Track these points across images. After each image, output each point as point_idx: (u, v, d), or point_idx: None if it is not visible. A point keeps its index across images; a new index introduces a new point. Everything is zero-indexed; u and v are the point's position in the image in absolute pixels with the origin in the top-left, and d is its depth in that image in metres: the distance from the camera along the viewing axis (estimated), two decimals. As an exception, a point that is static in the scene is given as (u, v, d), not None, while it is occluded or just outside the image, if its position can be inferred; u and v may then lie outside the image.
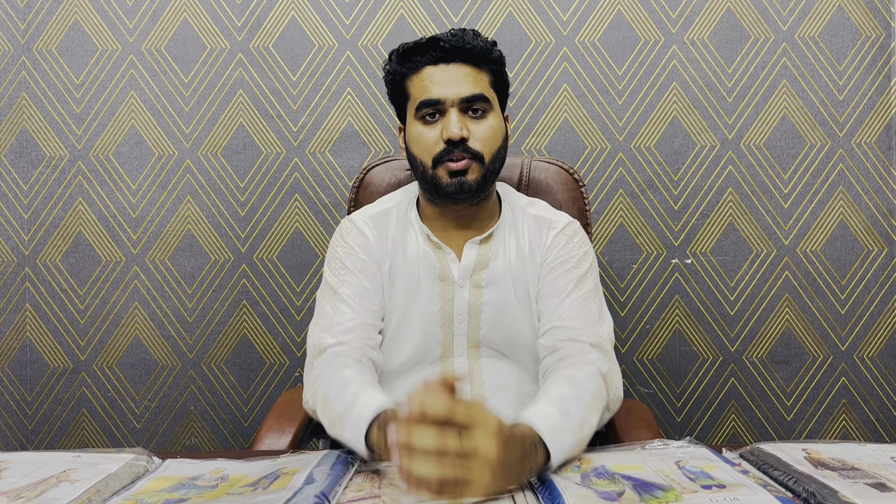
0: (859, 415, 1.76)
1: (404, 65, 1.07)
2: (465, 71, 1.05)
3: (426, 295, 1.10)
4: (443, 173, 1.04)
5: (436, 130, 1.04)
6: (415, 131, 1.06)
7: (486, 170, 1.05)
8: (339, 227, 1.15)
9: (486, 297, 1.10)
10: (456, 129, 1.01)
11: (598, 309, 1.08)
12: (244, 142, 1.78)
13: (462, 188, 1.03)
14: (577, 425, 0.82)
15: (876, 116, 1.73)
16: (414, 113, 1.06)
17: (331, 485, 0.75)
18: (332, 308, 1.08)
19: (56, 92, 1.78)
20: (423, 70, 1.05)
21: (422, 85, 1.05)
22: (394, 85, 1.10)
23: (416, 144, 1.06)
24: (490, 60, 1.07)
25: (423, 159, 1.06)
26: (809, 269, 1.75)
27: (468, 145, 1.03)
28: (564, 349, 1.01)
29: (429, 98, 1.03)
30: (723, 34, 1.73)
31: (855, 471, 0.74)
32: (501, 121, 1.09)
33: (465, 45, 1.04)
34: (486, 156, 1.04)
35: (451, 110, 1.03)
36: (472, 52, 1.04)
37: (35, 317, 1.81)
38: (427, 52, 1.05)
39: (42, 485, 0.74)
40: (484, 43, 1.06)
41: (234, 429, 1.81)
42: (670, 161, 1.75)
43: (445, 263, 1.11)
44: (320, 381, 0.97)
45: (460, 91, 1.03)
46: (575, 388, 0.88)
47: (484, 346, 1.11)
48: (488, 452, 0.68)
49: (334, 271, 1.11)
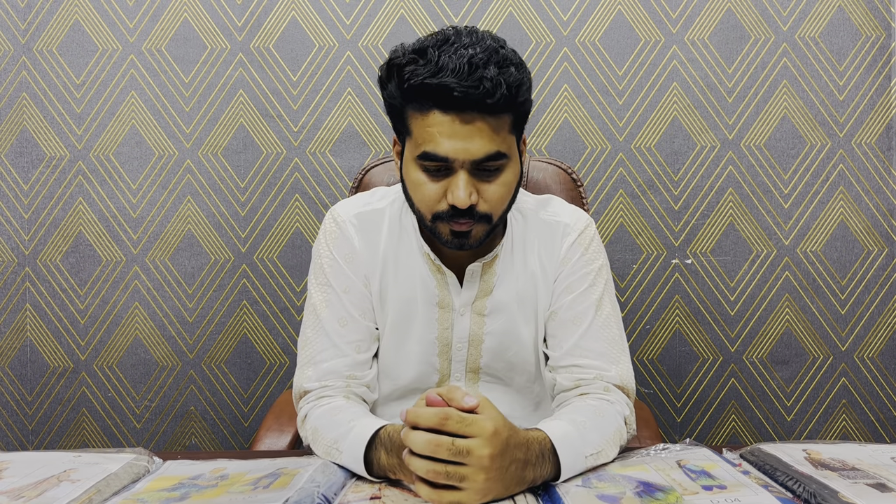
0: (859, 415, 1.76)
1: (406, 97, 0.88)
2: (481, 126, 0.85)
3: (422, 321, 1.02)
4: (444, 230, 0.92)
5: (439, 186, 0.89)
6: (415, 178, 0.91)
7: (492, 227, 0.93)
8: (324, 225, 1.05)
9: (489, 326, 1.02)
10: (464, 195, 0.86)
11: (619, 333, 1.01)
12: (244, 142, 1.78)
13: (463, 247, 0.93)
14: (593, 452, 0.80)
15: (876, 117, 1.73)
16: (415, 157, 0.89)
17: (332, 485, 0.75)
18: (314, 335, 1.00)
19: (56, 92, 1.78)
20: (430, 113, 0.86)
21: (427, 132, 0.87)
22: (392, 109, 0.92)
23: (415, 193, 0.92)
24: (516, 104, 0.88)
25: (421, 210, 0.93)
26: (810, 269, 1.75)
27: (476, 210, 0.89)
28: (588, 387, 0.96)
29: (435, 154, 0.86)
30: (723, 34, 1.73)
31: (855, 471, 0.74)
32: (517, 167, 0.94)
33: (486, 98, 0.83)
34: (494, 216, 0.91)
35: (461, 171, 0.87)
36: (491, 105, 0.84)
37: (35, 317, 1.81)
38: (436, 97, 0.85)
39: (42, 484, 0.74)
40: (508, 90, 0.84)
41: (234, 429, 1.81)
42: (670, 161, 1.75)
43: (445, 289, 1.01)
44: (309, 418, 0.93)
45: (474, 152, 0.86)
46: (598, 419, 0.86)
47: (483, 372, 1.05)
48: (481, 456, 0.67)
49: (318, 286, 1.02)
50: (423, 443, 0.67)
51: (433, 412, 0.68)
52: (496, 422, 0.69)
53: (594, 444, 0.80)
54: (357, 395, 0.99)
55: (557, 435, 0.77)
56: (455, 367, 1.04)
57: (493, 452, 0.68)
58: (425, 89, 0.84)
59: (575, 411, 0.88)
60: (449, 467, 0.67)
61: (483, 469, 0.67)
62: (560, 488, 0.74)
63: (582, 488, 0.73)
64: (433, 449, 0.67)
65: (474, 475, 0.67)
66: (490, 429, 0.68)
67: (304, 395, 0.98)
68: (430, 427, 0.68)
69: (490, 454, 0.67)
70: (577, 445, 0.78)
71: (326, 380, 0.98)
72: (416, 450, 0.68)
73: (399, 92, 0.88)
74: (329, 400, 0.95)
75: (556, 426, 0.80)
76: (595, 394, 0.95)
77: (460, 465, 0.67)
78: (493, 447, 0.68)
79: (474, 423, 0.68)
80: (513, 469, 0.71)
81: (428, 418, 0.68)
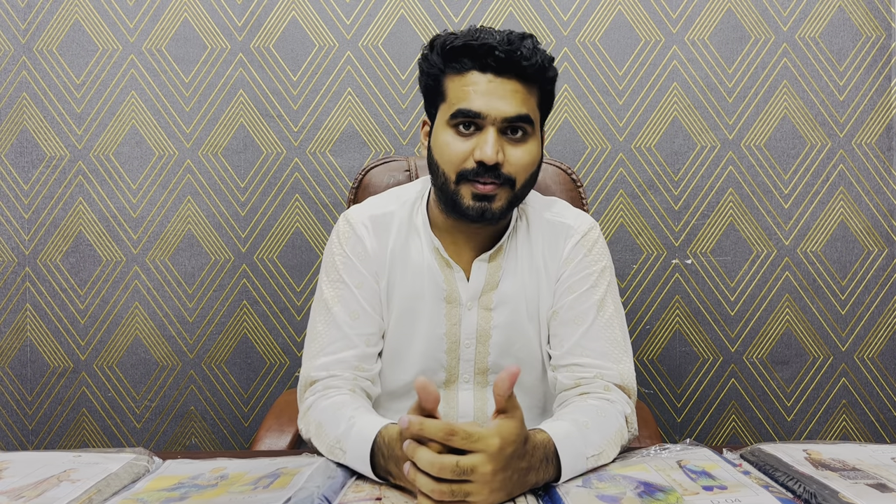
0: (859, 415, 1.76)
1: (447, 62, 0.95)
2: (515, 87, 0.92)
3: (431, 316, 1.03)
4: (466, 193, 0.94)
5: (468, 144, 0.93)
6: (444, 139, 0.95)
7: (514, 196, 0.96)
8: (336, 227, 1.07)
9: (496, 319, 1.03)
10: (491, 151, 0.91)
11: (621, 334, 1.01)
12: (244, 142, 1.78)
13: (484, 214, 0.94)
14: (595, 454, 0.80)
15: (876, 117, 1.73)
16: (448, 118, 0.94)
17: (332, 486, 0.75)
18: (325, 328, 1.01)
19: (57, 92, 1.78)
20: (467, 74, 0.93)
21: (463, 91, 0.93)
22: (430, 78, 0.98)
23: (443, 154, 0.95)
24: (544, 79, 0.96)
25: (446, 171, 0.95)
26: (810, 269, 1.75)
27: (501, 171, 0.93)
28: (588, 386, 0.96)
29: (469, 109, 0.92)
30: (723, 34, 1.73)
31: (856, 471, 0.74)
32: (540, 145, 0.98)
33: (522, 61, 0.91)
34: (517, 182, 0.95)
35: (490, 129, 0.92)
36: (525, 69, 0.92)
37: (35, 317, 1.81)
38: (477, 57, 0.93)
39: (43, 484, 0.74)
40: (542, 59, 0.93)
41: (234, 429, 1.81)
42: (671, 161, 1.75)
43: (453, 284, 1.03)
44: (313, 410, 0.93)
45: (506, 110, 0.92)
46: (599, 419, 0.86)
47: (492, 373, 1.05)
48: (485, 473, 0.67)
49: (331, 283, 1.04)
50: (428, 464, 0.67)
51: (439, 426, 0.67)
52: (503, 438, 0.69)
53: (595, 445, 0.81)
54: (362, 388, 1.00)
55: (560, 436, 0.77)
56: (464, 367, 1.05)
57: (496, 468, 0.68)
58: (468, 49, 0.93)
59: (577, 411, 0.88)
60: (454, 486, 0.67)
61: (487, 484, 0.67)
62: (560, 489, 0.74)
63: (582, 488, 0.73)
64: (438, 471, 0.66)
65: (479, 490, 0.67)
66: (496, 445, 0.68)
67: (311, 384, 0.99)
68: (435, 440, 0.67)
69: (493, 470, 0.68)
70: (579, 446, 0.78)
71: (335, 369, 0.98)
72: (421, 467, 0.67)
73: (440, 58, 0.96)
74: (335, 392, 0.95)
75: (559, 427, 0.80)
76: (595, 393, 0.95)
77: (465, 483, 0.67)
78: (497, 463, 0.68)
79: (480, 439, 0.68)
80: (516, 478, 0.71)
81: (434, 432, 0.67)
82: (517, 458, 0.70)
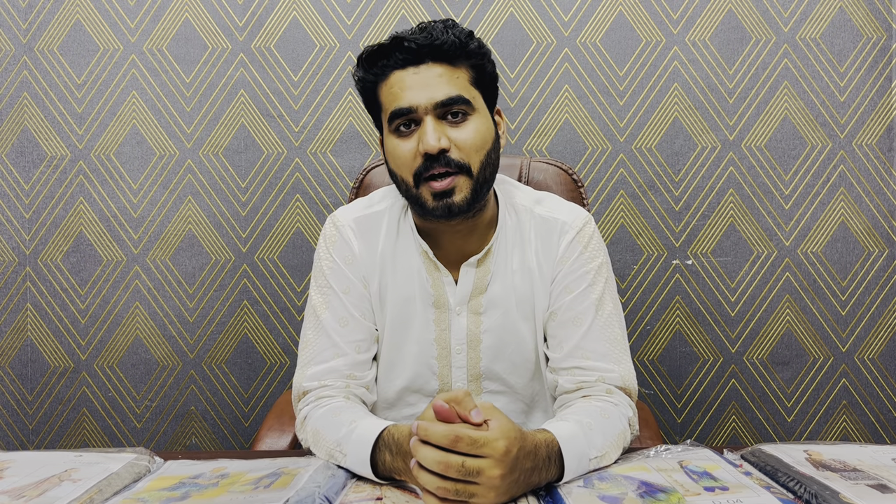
0: (860, 416, 1.76)
1: (371, 70, 0.95)
2: (438, 71, 0.91)
3: (421, 322, 1.01)
4: (426, 194, 0.92)
5: (412, 142, 0.92)
6: (390, 145, 0.94)
7: (476, 182, 0.92)
8: (323, 231, 1.06)
9: (486, 323, 1.01)
10: (433, 139, 0.89)
11: (620, 332, 0.99)
12: (245, 142, 1.78)
13: (450, 210, 0.91)
14: (597, 455, 0.80)
15: (877, 118, 1.73)
16: (388, 125, 0.94)
17: (333, 486, 0.75)
18: (315, 336, 1.00)
19: (57, 92, 1.78)
20: (391, 75, 0.93)
21: (392, 93, 0.92)
22: (365, 93, 0.98)
23: (394, 160, 0.94)
24: (467, 54, 0.93)
25: (403, 175, 0.94)
26: (810, 270, 1.75)
27: (450, 157, 0.90)
28: (590, 389, 0.95)
29: (399, 107, 0.91)
30: (724, 35, 1.73)
31: (856, 472, 0.74)
32: (489, 121, 0.96)
33: (434, 41, 0.90)
34: (472, 166, 0.92)
35: (426, 118, 0.90)
36: (444, 49, 0.91)
37: (36, 316, 1.81)
38: (393, 55, 0.92)
39: (44, 484, 0.74)
40: (457, 36, 0.92)
41: (234, 429, 1.81)
42: (671, 162, 1.75)
43: (441, 288, 1.01)
44: (309, 420, 0.92)
45: (433, 95, 0.90)
46: (603, 421, 0.86)
47: (486, 379, 1.03)
48: (492, 476, 0.67)
49: (319, 289, 1.03)
50: (433, 462, 0.67)
51: (444, 431, 0.67)
52: (508, 440, 0.69)
53: (598, 446, 0.81)
54: (356, 395, 0.98)
55: (565, 437, 0.77)
56: (456, 375, 1.02)
57: (503, 472, 0.68)
58: (383, 51, 0.93)
59: (581, 412, 0.88)
60: (458, 485, 0.67)
61: (493, 487, 0.68)
62: (562, 489, 0.74)
63: (584, 489, 0.73)
64: (443, 469, 0.67)
65: (484, 493, 0.67)
66: (502, 449, 0.68)
67: (303, 395, 0.98)
68: (441, 445, 0.67)
69: (500, 474, 0.68)
70: (583, 447, 0.78)
71: (326, 379, 0.97)
72: (426, 465, 0.67)
73: (364, 70, 0.96)
74: (329, 401, 0.94)
75: (564, 427, 0.80)
76: (598, 395, 0.94)
77: (470, 483, 0.67)
78: (504, 467, 0.68)
79: (486, 444, 0.67)
80: (522, 479, 0.71)
81: (439, 438, 0.67)
82: (522, 459, 0.70)
